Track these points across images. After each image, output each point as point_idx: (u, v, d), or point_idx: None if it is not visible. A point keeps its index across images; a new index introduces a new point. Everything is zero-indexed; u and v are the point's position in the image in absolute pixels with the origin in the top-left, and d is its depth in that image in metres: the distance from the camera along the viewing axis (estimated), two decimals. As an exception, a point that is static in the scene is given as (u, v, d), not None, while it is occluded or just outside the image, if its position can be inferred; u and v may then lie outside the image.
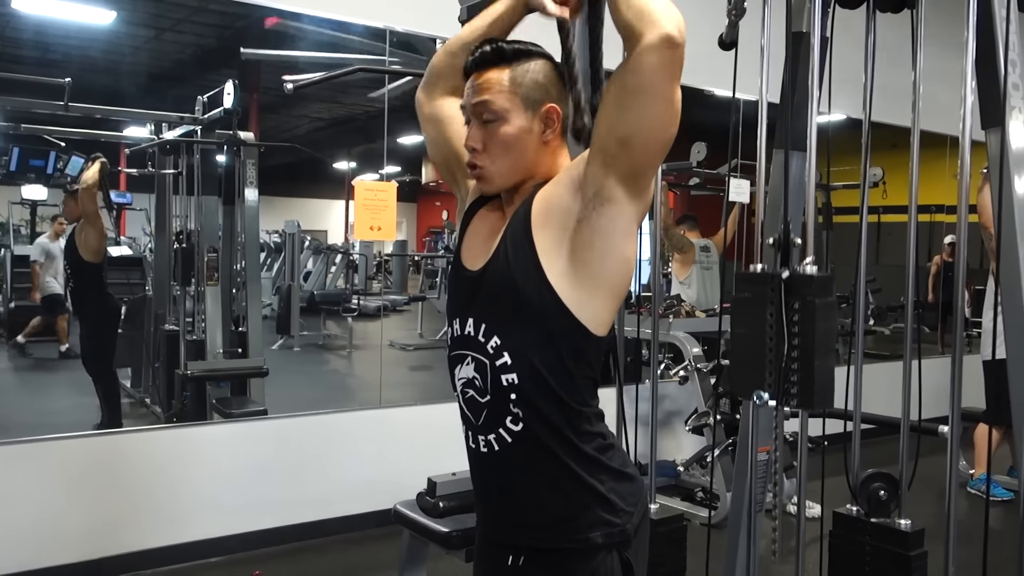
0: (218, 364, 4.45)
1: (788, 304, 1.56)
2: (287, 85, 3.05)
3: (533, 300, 1.24)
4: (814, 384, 1.53)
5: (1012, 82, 1.87)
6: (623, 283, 1.28)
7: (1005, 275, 1.87)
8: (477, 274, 1.32)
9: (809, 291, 1.56)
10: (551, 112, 1.30)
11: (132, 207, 6.31)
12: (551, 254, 1.24)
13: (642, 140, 1.20)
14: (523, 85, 1.29)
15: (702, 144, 5.27)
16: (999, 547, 2.15)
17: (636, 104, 1.18)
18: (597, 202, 1.22)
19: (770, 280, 1.60)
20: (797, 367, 1.54)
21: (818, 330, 1.54)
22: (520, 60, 1.30)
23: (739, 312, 1.66)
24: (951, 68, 1.87)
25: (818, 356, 1.53)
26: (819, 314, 1.54)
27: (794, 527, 2.16)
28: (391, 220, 3.72)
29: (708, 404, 4.13)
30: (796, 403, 1.56)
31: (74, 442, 3.39)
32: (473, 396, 1.31)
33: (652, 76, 1.16)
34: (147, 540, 3.43)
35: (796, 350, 1.54)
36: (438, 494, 2.50)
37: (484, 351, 1.29)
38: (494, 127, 1.29)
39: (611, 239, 1.23)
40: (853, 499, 2.26)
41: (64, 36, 5.41)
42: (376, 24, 3.95)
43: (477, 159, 1.31)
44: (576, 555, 1.28)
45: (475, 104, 1.30)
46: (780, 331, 1.55)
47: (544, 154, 1.32)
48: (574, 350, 1.26)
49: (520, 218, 1.29)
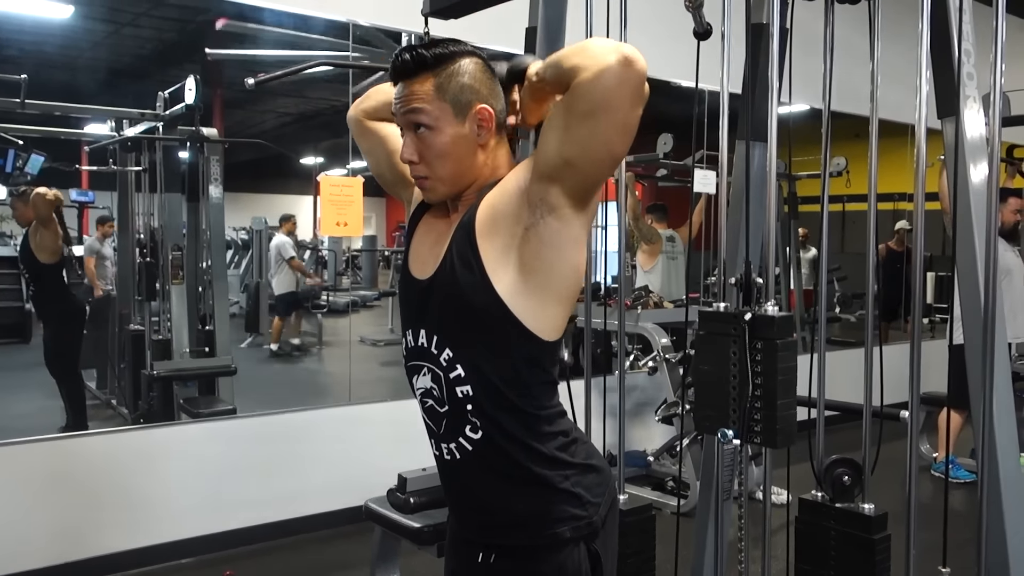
0: (185, 364, 4.41)
1: (751, 344, 1.59)
2: (248, 81, 3.01)
3: (482, 313, 1.23)
4: (777, 423, 1.56)
5: (966, 72, 1.90)
6: (573, 290, 1.27)
7: (961, 261, 1.90)
8: (426, 284, 1.30)
9: (771, 332, 1.58)
10: (482, 113, 1.27)
11: (94, 205, 6.21)
12: (498, 265, 1.22)
13: (588, 162, 1.18)
14: (450, 90, 1.25)
15: (668, 135, 5.30)
16: (963, 528, 2.19)
17: (586, 127, 1.14)
18: (544, 210, 1.20)
19: (733, 320, 1.62)
20: (761, 406, 1.57)
21: (780, 370, 1.57)
22: (444, 64, 1.26)
23: (703, 348, 1.69)
24: (911, 58, 1.89)
25: (780, 395, 1.56)
26: (781, 355, 1.57)
27: (761, 514, 2.19)
28: (358, 215, 3.70)
29: (677, 394, 4.17)
30: (760, 441, 1.59)
31: (39, 446, 3.34)
32: (432, 406, 1.31)
33: (607, 96, 1.11)
34: (116, 543, 3.39)
35: (759, 389, 1.57)
36: (408, 490, 2.50)
37: (438, 363, 1.28)
38: (427, 137, 1.26)
39: (559, 249, 1.22)
40: (818, 485, 2.29)
41: (19, 31, 5.30)
42: (339, 18, 3.92)
43: (417, 171, 1.30)
44: (544, 550, 1.29)
45: (404, 114, 1.28)
46: (744, 371, 1.58)
47: (484, 156, 1.30)
48: (527, 359, 1.25)
49: (465, 227, 1.26)
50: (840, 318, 8.04)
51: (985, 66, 1.84)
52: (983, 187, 1.87)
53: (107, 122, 4.93)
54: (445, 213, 1.36)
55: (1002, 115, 1.86)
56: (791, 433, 1.60)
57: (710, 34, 1.85)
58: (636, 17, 2.37)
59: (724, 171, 2.16)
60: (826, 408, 2.35)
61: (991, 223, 1.82)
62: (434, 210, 1.39)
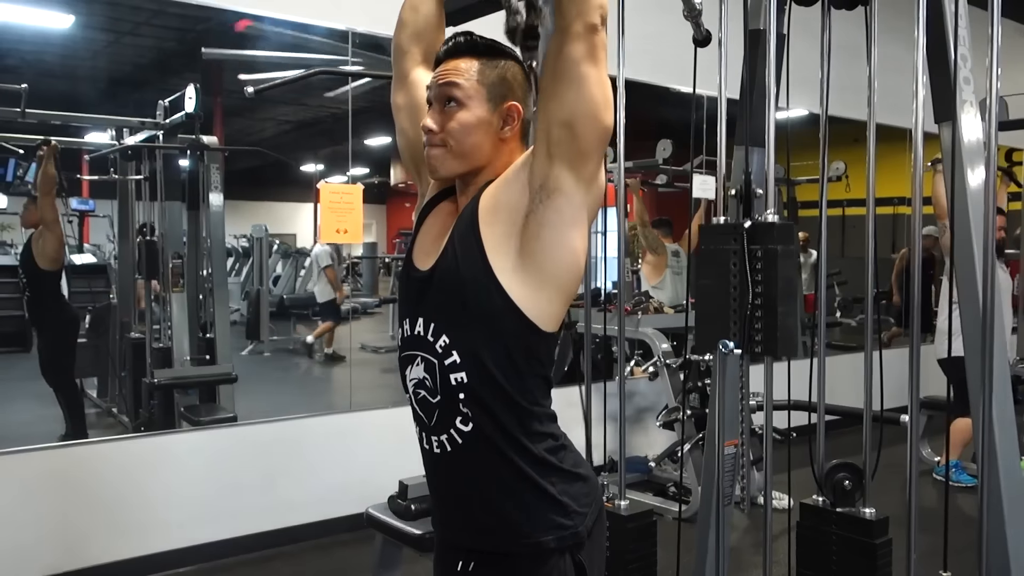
0: (186, 371, 4.41)
1: (751, 253, 1.58)
2: (248, 89, 3.02)
3: (481, 297, 1.24)
4: (778, 330, 1.55)
5: (963, 76, 1.91)
6: (572, 277, 1.27)
7: (960, 266, 1.90)
8: (427, 274, 1.32)
9: (771, 239, 1.58)
10: (512, 109, 1.32)
11: (95, 214, 6.21)
12: (499, 251, 1.24)
13: (582, 120, 1.21)
14: (489, 77, 1.31)
15: (667, 141, 5.30)
16: (964, 532, 2.19)
17: (570, 89, 1.21)
18: (543, 194, 1.23)
19: (733, 230, 1.61)
20: (761, 315, 1.56)
21: (780, 277, 1.56)
22: (492, 55, 1.33)
23: (704, 264, 1.69)
24: (909, 62, 1.90)
25: (781, 303, 1.56)
26: (781, 261, 1.57)
27: (763, 519, 2.19)
28: (357, 222, 3.71)
29: (678, 399, 4.16)
30: (761, 350, 1.57)
31: (39, 454, 3.34)
32: (425, 396, 1.31)
33: (580, 62, 1.20)
34: (116, 552, 3.39)
35: (760, 298, 1.56)
36: (409, 496, 2.51)
37: (433, 350, 1.29)
38: (453, 111, 1.31)
39: (558, 230, 1.23)
40: (819, 490, 2.29)
41: (20, 41, 5.31)
42: (338, 26, 3.94)
43: (432, 139, 1.32)
44: (528, 559, 1.28)
45: (440, 86, 1.32)
46: (744, 280, 1.57)
47: (500, 151, 1.33)
48: (524, 347, 1.26)
49: (468, 215, 1.29)
50: (841, 323, 8.03)
51: (982, 70, 1.84)
52: (980, 191, 1.88)
53: (107, 131, 4.94)
54: (452, 207, 1.38)
55: (999, 119, 1.86)
56: (793, 341, 1.59)
57: (709, 41, 1.86)
58: (634, 22, 2.38)
59: (722, 176, 2.17)
60: (827, 413, 2.35)
61: (989, 226, 1.82)
62: (442, 205, 1.41)
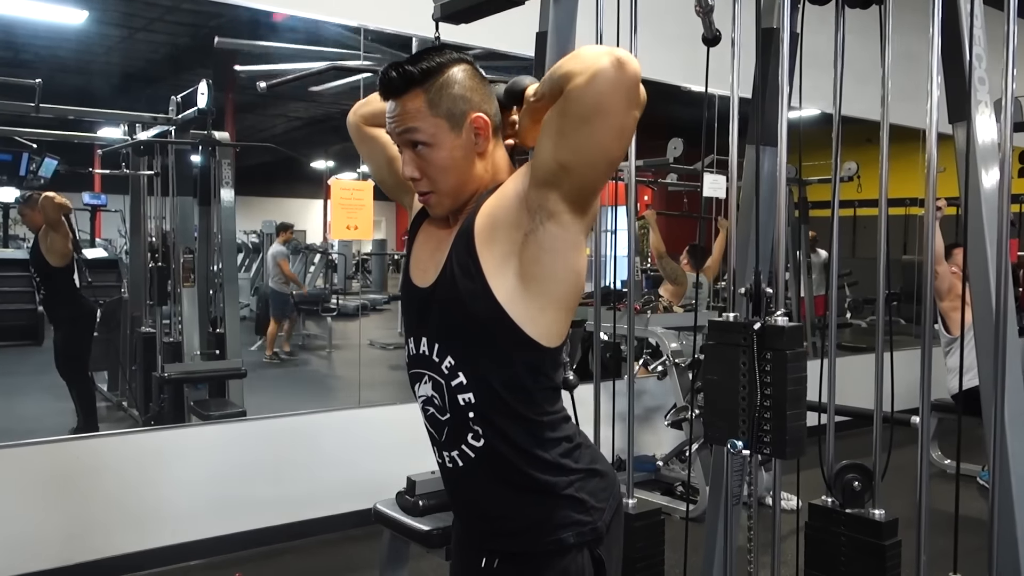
0: (195, 366, 4.43)
1: (760, 354, 1.58)
2: (260, 84, 3.03)
3: (483, 320, 1.22)
4: (787, 434, 1.56)
5: (978, 76, 1.89)
6: (574, 296, 1.25)
7: (973, 267, 1.89)
8: (427, 292, 1.30)
9: (780, 342, 1.58)
10: (477, 121, 1.26)
11: (107, 208, 6.24)
12: (498, 272, 1.21)
13: (585, 167, 1.16)
14: (442, 105, 1.24)
15: (678, 140, 5.30)
16: (975, 534, 2.17)
17: (581, 131, 1.13)
18: (543, 215, 1.18)
19: (743, 330, 1.61)
20: (770, 417, 1.57)
21: (789, 380, 1.56)
22: (432, 78, 1.24)
23: (711, 359, 1.69)
24: (923, 63, 1.89)
25: (790, 406, 1.56)
26: (791, 365, 1.57)
27: (771, 520, 2.18)
28: (368, 219, 3.71)
29: (686, 399, 4.15)
30: (769, 452, 1.58)
31: (50, 447, 3.36)
32: (434, 414, 1.31)
33: (601, 99, 1.09)
34: (125, 544, 3.40)
35: (768, 399, 1.57)
36: (418, 492, 2.50)
37: (439, 371, 1.28)
38: (426, 153, 1.26)
39: (559, 255, 1.20)
40: (828, 490, 2.28)
41: (34, 36, 5.34)
42: (350, 23, 3.94)
43: (420, 186, 1.29)
44: (548, 556, 1.28)
45: (400, 135, 1.27)
46: (753, 381, 1.58)
47: (483, 163, 1.29)
48: (529, 366, 1.24)
49: (464, 235, 1.25)
50: (851, 324, 7.99)
51: (997, 71, 1.83)
52: (995, 192, 1.86)
53: (120, 126, 4.95)
54: (445, 220, 1.35)
55: (1014, 119, 1.85)
56: (800, 443, 1.60)
57: (719, 40, 1.85)
58: (646, 20, 2.38)
59: (734, 176, 2.16)
60: (837, 413, 2.34)
61: (1003, 228, 1.81)
62: (432, 218, 1.39)
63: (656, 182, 6.53)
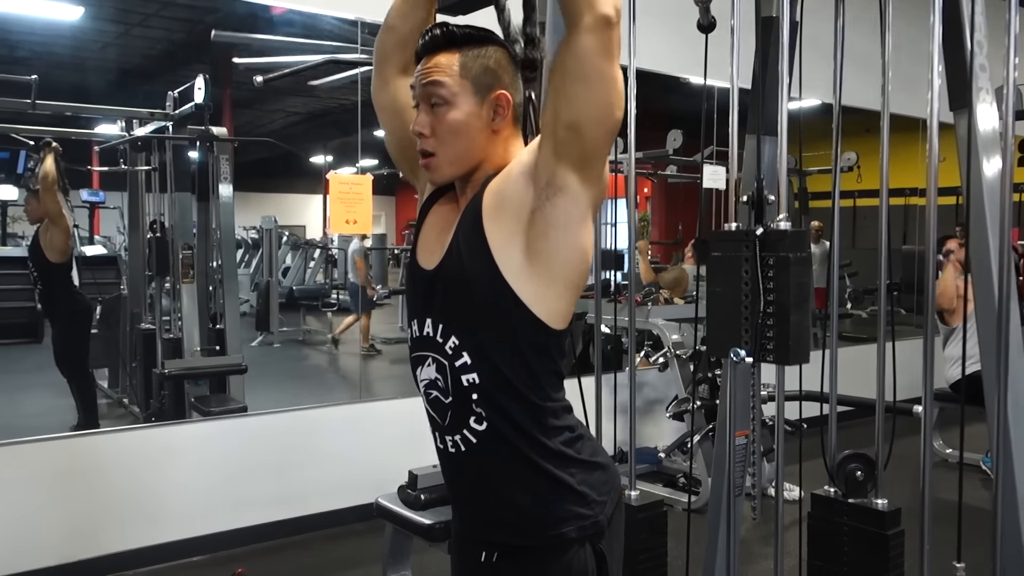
0: (196, 362, 4.42)
1: (763, 260, 1.57)
2: (257, 78, 3.02)
3: (488, 298, 1.22)
4: (790, 339, 1.54)
5: (979, 63, 1.88)
6: (580, 275, 1.25)
7: (975, 255, 1.89)
8: (432, 273, 1.30)
9: (783, 246, 1.56)
10: (500, 98, 1.27)
11: (105, 205, 6.23)
12: (505, 249, 1.21)
13: (590, 123, 1.18)
14: (472, 70, 1.26)
15: (678, 132, 5.28)
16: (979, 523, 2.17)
17: (580, 89, 1.16)
18: (550, 191, 1.19)
19: (744, 237, 1.60)
20: (773, 323, 1.55)
21: (792, 285, 1.55)
22: (471, 45, 1.28)
23: (715, 270, 1.67)
24: (924, 51, 1.88)
25: (793, 311, 1.54)
26: (793, 269, 1.55)
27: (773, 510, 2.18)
28: (367, 213, 3.70)
29: (688, 390, 4.15)
30: (773, 358, 1.56)
31: (51, 444, 3.35)
32: (437, 397, 1.30)
33: (592, 59, 1.14)
34: (127, 541, 3.40)
35: (772, 306, 1.55)
36: (419, 486, 2.50)
37: (443, 352, 1.27)
38: (442, 112, 1.26)
39: (566, 230, 1.20)
40: (831, 480, 2.28)
41: (30, 33, 5.33)
42: (347, 15, 3.93)
43: (426, 144, 1.29)
44: (550, 551, 1.28)
45: (424, 86, 1.28)
46: (755, 287, 1.56)
47: (495, 143, 1.29)
48: (534, 346, 1.24)
49: (471, 212, 1.25)
50: (852, 314, 7.99)
51: (998, 58, 1.82)
52: (996, 180, 1.86)
53: (117, 122, 4.94)
54: (453, 201, 1.35)
55: (1016, 107, 1.84)
56: (804, 349, 1.58)
57: (714, 27, 1.84)
58: (645, 11, 2.36)
59: (734, 166, 2.15)
60: (839, 403, 2.33)
61: (1005, 216, 1.80)
62: (443, 199, 1.38)
63: (656, 174, 6.53)
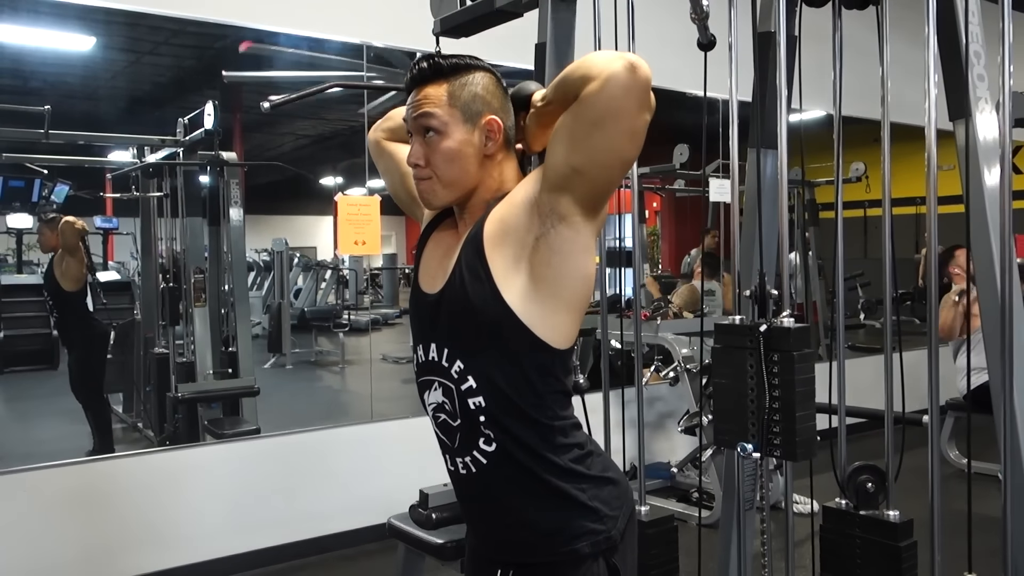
0: (209, 385, 4.44)
1: (767, 356, 1.58)
2: (264, 104, 3.06)
3: (492, 322, 1.23)
4: (796, 435, 1.55)
5: (977, 73, 1.89)
6: (583, 298, 1.27)
7: (978, 262, 1.89)
8: (435, 298, 1.31)
9: (787, 344, 1.57)
10: (491, 123, 1.29)
11: (118, 231, 6.30)
12: (508, 275, 1.22)
13: (598, 169, 1.19)
14: (461, 98, 1.29)
15: (684, 146, 5.29)
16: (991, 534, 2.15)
17: (595, 135, 1.16)
18: (554, 219, 1.21)
19: (749, 332, 1.61)
20: (779, 419, 1.56)
21: (798, 382, 1.56)
22: (458, 74, 1.30)
23: (720, 362, 1.68)
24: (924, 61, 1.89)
25: (799, 407, 1.55)
26: (798, 367, 1.56)
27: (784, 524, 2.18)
28: (375, 234, 3.73)
29: (699, 404, 4.14)
30: (780, 454, 1.57)
31: (66, 469, 3.38)
32: (445, 420, 1.32)
33: (614, 102, 1.13)
34: (143, 564, 3.42)
35: (777, 401, 1.56)
36: (430, 505, 2.50)
37: (449, 376, 1.29)
38: (435, 141, 1.29)
39: (570, 258, 1.22)
40: (842, 493, 2.27)
41: (43, 64, 5.41)
42: (353, 40, 3.98)
43: (421, 174, 1.31)
44: (564, 567, 1.28)
45: (415, 119, 1.30)
46: (761, 383, 1.57)
47: (489, 167, 1.31)
48: (539, 368, 1.25)
49: (473, 239, 1.26)
50: (864, 325, 7.94)
51: (996, 67, 1.83)
52: (997, 189, 1.86)
53: (129, 149, 5.00)
54: (454, 228, 1.37)
55: (1014, 115, 1.85)
56: (811, 445, 1.59)
57: (714, 45, 1.86)
58: (644, 28, 2.39)
59: (735, 180, 2.17)
60: (848, 415, 2.33)
61: (1006, 223, 1.80)
62: (443, 225, 1.41)
63: (663, 188, 6.54)
